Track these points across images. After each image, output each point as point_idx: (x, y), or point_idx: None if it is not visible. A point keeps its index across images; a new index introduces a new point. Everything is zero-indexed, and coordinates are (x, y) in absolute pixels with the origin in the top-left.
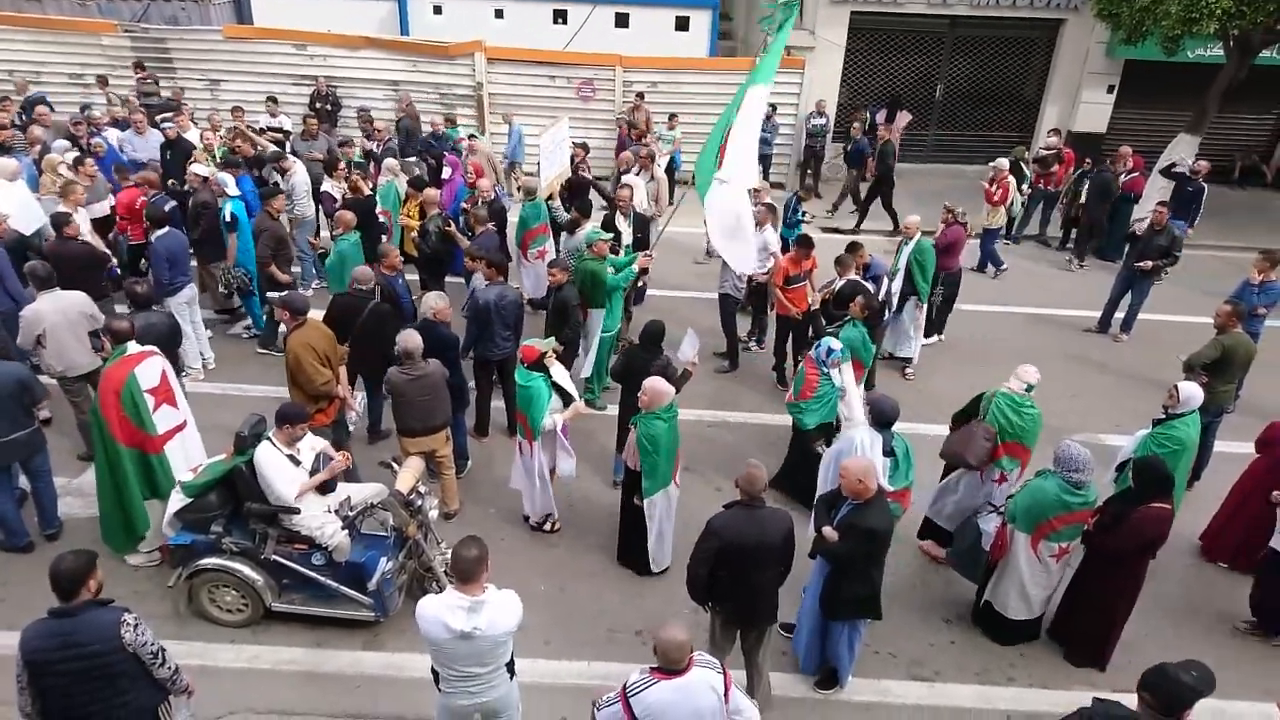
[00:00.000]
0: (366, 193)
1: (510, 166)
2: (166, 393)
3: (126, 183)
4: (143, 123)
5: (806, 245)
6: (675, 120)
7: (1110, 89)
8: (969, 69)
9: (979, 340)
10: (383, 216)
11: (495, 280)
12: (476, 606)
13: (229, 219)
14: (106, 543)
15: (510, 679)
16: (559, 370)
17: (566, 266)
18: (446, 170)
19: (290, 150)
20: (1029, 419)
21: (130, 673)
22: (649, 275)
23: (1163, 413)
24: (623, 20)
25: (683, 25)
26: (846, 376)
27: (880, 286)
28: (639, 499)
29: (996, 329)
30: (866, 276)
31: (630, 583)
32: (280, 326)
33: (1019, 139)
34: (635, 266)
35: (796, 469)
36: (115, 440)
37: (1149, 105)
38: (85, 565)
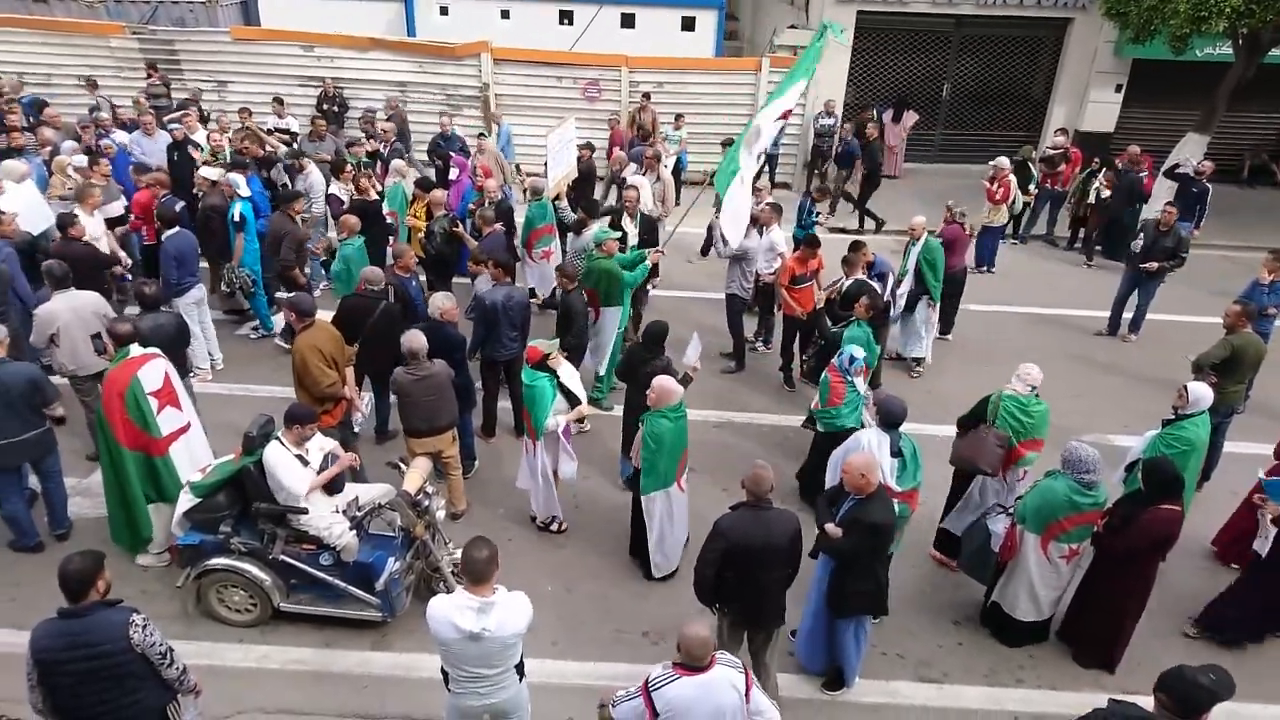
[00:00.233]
0: (373, 196)
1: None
2: (170, 395)
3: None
4: (152, 124)
5: (813, 245)
6: (681, 120)
7: (1118, 88)
8: (976, 68)
9: (986, 340)
10: (390, 218)
11: (502, 281)
12: (486, 608)
13: (237, 219)
14: (115, 543)
15: (519, 680)
16: (568, 370)
17: (574, 273)
18: (453, 171)
19: (299, 151)
20: (1038, 415)
21: (138, 673)
22: (657, 278)
23: (1172, 413)
24: (628, 21)
25: (689, 25)
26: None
27: (885, 285)
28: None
29: (1004, 329)
30: (871, 274)
31: (637, 584)
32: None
33: (1026, 138)
34: (648, 261)
35: (819, 470)
36: (119, 444)
37: (1157, 104)
38: (93, 566)
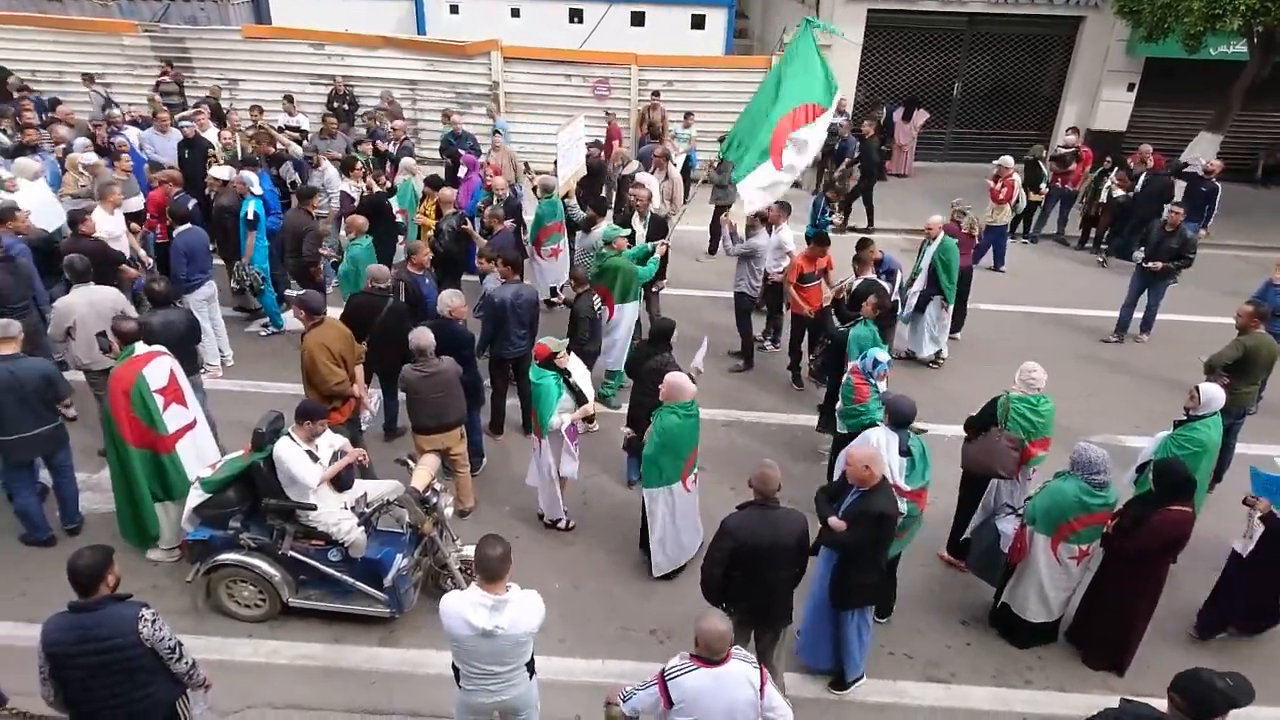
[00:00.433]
0: (376, 189)
1: None
2: (175, 392)
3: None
4: (166, 121)
5: (821, 243)
6: (691, 119)
7: (1130, 87)
8: (987, 67)
9: (996, 339)
10: (400, 215)
11: (511, 279)
12: (499, 605)
13: (251, 217)
14: (124, 538)
15: (530, 678)
16: (578, 367)
17: (584, 276)
18: (463, 169)
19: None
20: (1047, 413)
21: (148, 667)
22: (664, 279)
23: (1184, 414)
24: (638, 19)
25: (698, 23)
26: None
27: (894, 282)
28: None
29: (1014, 328)
30: (879, 271)
31: (644, 581)
32: None
33: (1037, 137)
34: (656, 254)
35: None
36: (125, 442)
37: (1170, 103)
38: (102, 561)
